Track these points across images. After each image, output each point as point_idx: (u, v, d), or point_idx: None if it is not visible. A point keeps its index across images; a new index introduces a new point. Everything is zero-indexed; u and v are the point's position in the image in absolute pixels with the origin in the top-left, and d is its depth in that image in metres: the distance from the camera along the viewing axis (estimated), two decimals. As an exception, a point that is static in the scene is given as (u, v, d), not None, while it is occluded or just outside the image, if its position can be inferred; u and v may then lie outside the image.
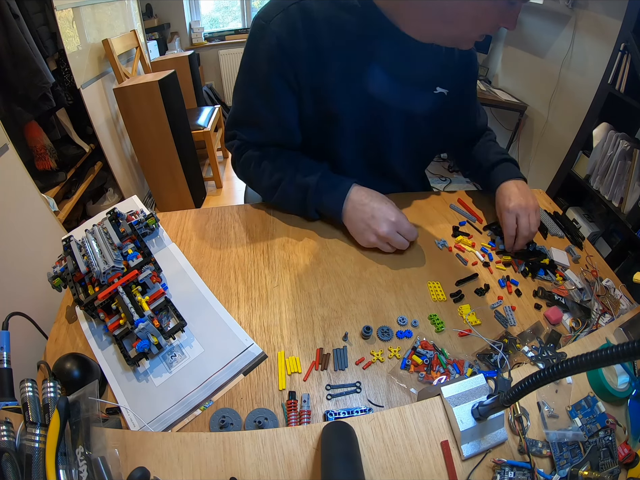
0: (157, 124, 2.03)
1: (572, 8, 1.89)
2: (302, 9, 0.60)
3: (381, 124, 0.73)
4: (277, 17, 0.60)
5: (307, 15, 0.60)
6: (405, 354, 0.53)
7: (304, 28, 0.60)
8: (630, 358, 0.23)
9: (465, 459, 0.37)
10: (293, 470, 0.37)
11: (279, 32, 0.60)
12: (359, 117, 0.70)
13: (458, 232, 0.74)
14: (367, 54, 0.64)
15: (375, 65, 0.65)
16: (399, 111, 0.71)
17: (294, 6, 0.60)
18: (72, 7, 1.73)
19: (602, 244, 1.76)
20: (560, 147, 1.99)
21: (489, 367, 0.51)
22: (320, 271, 0.65)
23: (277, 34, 0.60)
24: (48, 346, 0.55)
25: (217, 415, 0.46)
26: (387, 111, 0.71)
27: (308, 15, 0.60)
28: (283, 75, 0.64)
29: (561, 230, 0.77)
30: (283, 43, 0.60)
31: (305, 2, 0.60)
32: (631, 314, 0.52)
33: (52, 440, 0.34)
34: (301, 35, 0.60)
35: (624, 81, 1.50)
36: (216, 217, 0.78)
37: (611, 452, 0.39)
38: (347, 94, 0.67)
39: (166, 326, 0.54)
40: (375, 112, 0.71)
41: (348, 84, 0.66)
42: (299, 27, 0.60)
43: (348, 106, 0.68)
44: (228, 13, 4.03)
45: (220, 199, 2.72)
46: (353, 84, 0.66)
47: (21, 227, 1.26)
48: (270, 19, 0.60)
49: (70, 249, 0.60)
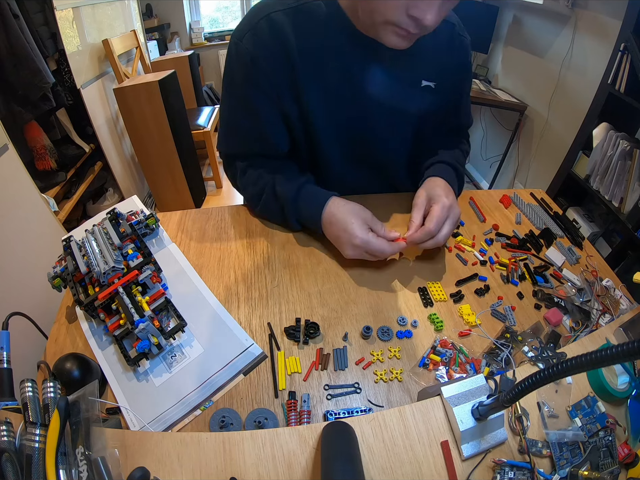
0: (157, 124, 2.03)
1: (572, 8, 1.89)
2: (270, 22, 0.61)
3: (367, 124, 0.72)
4: (247, 34, 0.62)
5: (275, 27, 0.61)
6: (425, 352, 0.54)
7: (274, 41, 0.62)
8: (630, 358, 0.23)
9: (465, 459, 0.37)
10: (293, 470, 0.37)
11: (250, 49, 0.62)
12: (340, 119, 0.70)
13: (457, 233, 0.74)
14: (338, 57, 0.64)
15: (349, 67, 0.65)
16: (383, 109, 0.71)
17: (262, 21, 0.61)
18: (72, 7, 1.73)
19: (602, 244, 1.76)
20: (560, 147, 1.99)
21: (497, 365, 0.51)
22: (320, 271, 0.65)
23: (249, 51, 0.62)
24: (48, 346, 0.55)
25: (217, 415, 0.46)
26: (370, 110, 0.70)
27: (276, 27, 0.61)
28: (261, 89, 0.65)
29: (561, 230, 0.77)
30: (256, 59, 0.62)
31: (273, 14, 0.61)
32: (631, 314, 0.52)
33: (52, 440, 0.34)
34: (272, 48, 0.62)
35: (624, 81, 1.50)
36: (216, 217, 0.78)
37: (611, 452, 0.39)
38: (324, 96, 0.67)
39: (166, 326, 0.54)
40: (358, 112, 0.70)
41: (325, 87, 0.66)
42: (269, 41, 0.62)
43: (327, 108, 0.68)
44: (228, 13, 4.03)
45: (220, 199, 2.72)
46: (330, 87, 0.66)
47: (21, 227, 1.26)
48: (242, 36, 0.62)
49: (70, 249, 0.60)
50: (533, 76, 2.29)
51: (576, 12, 1.89)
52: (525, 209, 0.82)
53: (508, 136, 2.49)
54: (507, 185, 2.68)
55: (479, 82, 2.60)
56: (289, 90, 0.66)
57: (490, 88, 2.53)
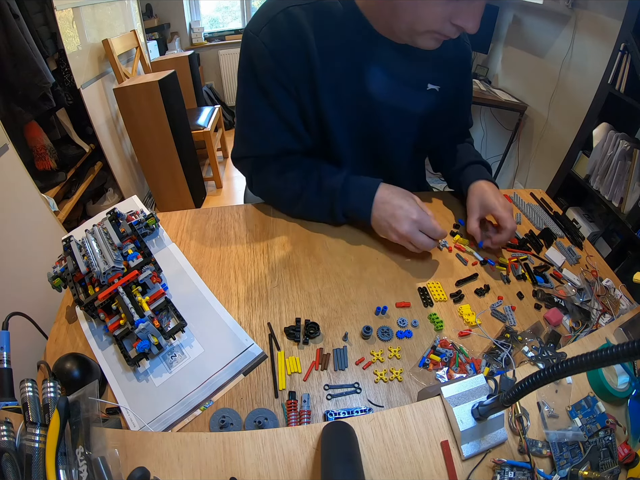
0: (157, 124, 2.03)
1: (572, 8, 1.89)
2: (288, 16, 0.61)
3: (376, 124, 0.73)
4: (265, 27, 0.61)
5: (293, 21, 0.61)
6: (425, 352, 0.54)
7: (292, 34, 0.61)
8: (630, 358, 0.23)
9: (465, 459, 0.37)
10: (293, 470, 0.37)
11: (268, 42, 0.61)
12: (351, 118, 0.71)
13: (455, 232, 0.74)
14: (352, 56, 0.65)
15: (362, 67, 0.66)
16: (392, 110, 0.71)
17: (280, 14, 0.61)
18: (72, 7, 1.73)
19: (602, 244, 1.76)
20: (560, 147, 1.99)
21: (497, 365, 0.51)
22: (320, 271, 0.65)
23: (267, 45, 0.61)
24: (48, 346, 0.55)
25: (217, 415, 0.46)
26: (379, 111, 0.71)
27: (294, 21, 0.61)
28: (280, 82, 0.65)
29: (561, 230, 0.77)
30: (274, 52, 0.62)
31: (290, 8, 0.61)
32: (631, 314, 0.52)
33: (52, 440, 0.34)
34: (290, 42, 0.62)
35: (624, 81, 1.50)
36: (216, 217, 0.78)
37: (611, 452, 0.39)
38: (337, 95, 0.67)
39: (166, 326, 0.54)
40: (368, 112, 0.71)
41: (337, 85, 0.66)
42: (287, 34, 0.61)
43: (340, 106, 0.69)
44: (228, 13, 4.03)
45: (220, 199, 2.72)
46: (342, 86, 0.67)
47: (21, 227, 1.26)
48: (259, 30, 0.62)
49: (70, 249, 0.60)
50: (533, 76, 2.29)
51: (576, 12, 1.89)
52: (525, 209, 0.82)
53: (508, 136, 2.49)
54: (507, 185, 2.68)
55: (479, 82, 2.59)
56: (307, 85, 0.66)
57: (490, 88, 2.53)
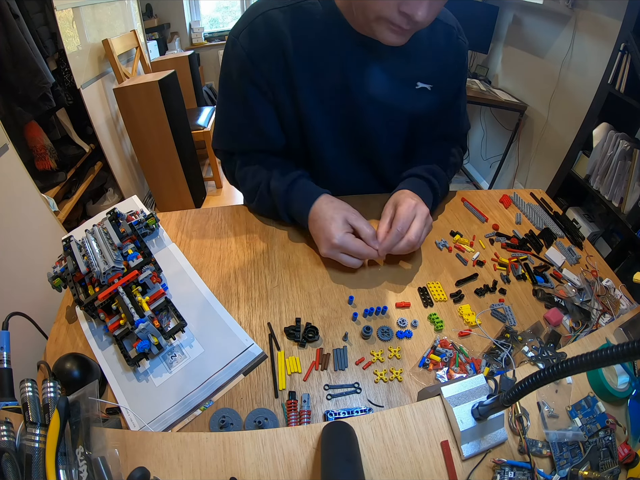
0: (157, 124, 2.03)
1: (572, 8, 1.89)
2: (267, 19, 0.62)
3: (361, 123, 0.72)
4: (244, 31, 0.63)
5: (271, 24, 0.62)
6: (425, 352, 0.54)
7: (269, 37, 0.62)
8: (630, 358, 0.23)
9: (465, 459, 0.37)
10: (293, 470, 0.37)
11: (246, 45, 0.63)
12: (335, 118, 0.71)
13: (455, 232, 0.74)
14: (333, 56, 0.65)
15: (344, 66, 0.66)
16: (377, 109, 0.71)
17: (259, 17, 0.62)
18: (72, 7, 1.73)
19: (602, 244, 1.76)
20: (560, 147, 1.99)
21: (497, 365, 0.51)
22: (320, 271, 0.65)
23: (245, 47, 0.63)
24: (48, 346, 0.55)
25: (217, 415, 0.46)
26: (364, 110, 0.71)
27: (273, 24, 0.62)
28: (256, 85, 0.66)
29: (561, 230, 0.77)
30: (252, 55, 0.63)
31: (270, 12, 0.62)
32: (631, 314, 0.52)
33: (52, 440, 0.34)
34: (267, 45, 0.63)
35: (624, 81, 1.50)
36: (216, 217, 0.78)
37: (611, 452, 0.39)
38: (319, 96, 0.68)
39: (166, 326, 0.54)
40: (352, 111, 0.70)
41: (320, 86, 0.67)
42: (264, 37, 0.62)
43: (322, 106, 0.69)
44: (228, 13, 4.03)
45: (220, 199, 2.72)
46: (324, 86, 0.67)
47: (21, 227, 1.26)
48: (239, 33, 0.63)
49: (70, 249, 0.60)
50: (533, 76, 2.29)
51: (576, 12, 1.89)
52: (525, 209, 0.82)
53: (508, 136, 2.49)
54: (507, 185, 2.68)
55: (479, 82, 2.59)
56: (284, 87, 0.67)
57: (490, 88, 2.53)
